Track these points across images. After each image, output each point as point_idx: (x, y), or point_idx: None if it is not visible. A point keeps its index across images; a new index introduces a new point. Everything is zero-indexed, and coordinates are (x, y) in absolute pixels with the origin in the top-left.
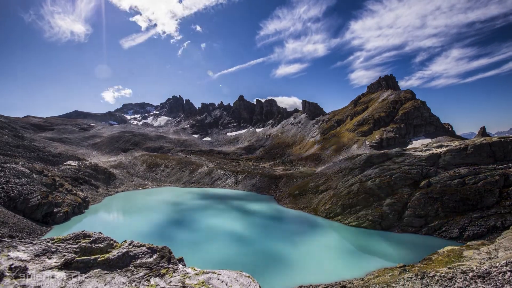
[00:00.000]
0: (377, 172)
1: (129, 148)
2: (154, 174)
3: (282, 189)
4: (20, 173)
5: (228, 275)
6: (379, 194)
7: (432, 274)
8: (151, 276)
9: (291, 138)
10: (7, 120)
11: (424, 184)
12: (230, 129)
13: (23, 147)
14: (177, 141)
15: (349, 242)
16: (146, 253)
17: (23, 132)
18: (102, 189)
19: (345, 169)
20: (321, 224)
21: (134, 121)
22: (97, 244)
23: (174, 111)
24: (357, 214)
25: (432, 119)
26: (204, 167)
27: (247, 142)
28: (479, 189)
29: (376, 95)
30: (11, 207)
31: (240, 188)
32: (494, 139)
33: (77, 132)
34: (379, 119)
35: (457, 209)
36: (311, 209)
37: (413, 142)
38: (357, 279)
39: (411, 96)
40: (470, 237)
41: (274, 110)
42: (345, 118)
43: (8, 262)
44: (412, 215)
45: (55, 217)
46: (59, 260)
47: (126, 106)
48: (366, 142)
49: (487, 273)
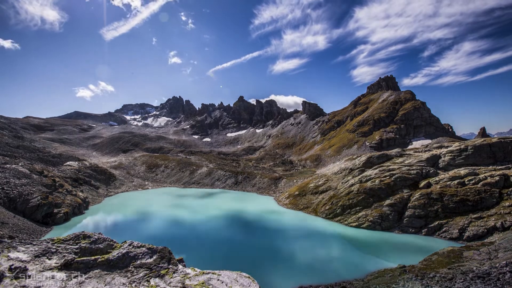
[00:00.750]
0: (377, 172)
1: (129, 148)
2: (154, 175)
3: (282, 190)
4: (20, 174)
5: (228, 275)
6: (379, 194)
7: (432, 274)
8: (151, 277)
9: (291, 139)
10: (7, 120)
11: (424, 184)
12: (230, 129)
13: (23, 147)
14: (177, 141)
15: (349, 243)
16: (146, 253)
17: (23, 133)
18: (102, 189)
19: (345, 170)
20: (321, 224)
21: (134, 121)
22: (97, 245)
23: (174, 112)
24: (357, 215)
25: (432, 119)
26: (204, 167)
27: (247, 143)
28: (479, 190)
29: (376, 96)
30: (11, 207)
31: (240, 188)
32: (494, 140)
33: (77, 132)
34: (379, 119)
35: (457, 209)
36: (311, 209)
37: (413, 143)
38: (357, 279)
39: (411, 97)
40: (470, 238)
41: (274, 111)
42: (345, 119)
43: (8, 263)
44: (412, 215)
45: (55, 218)
46: (59, 260)
47: (126, 106)
48: (366, 142)
49: (487, 273)
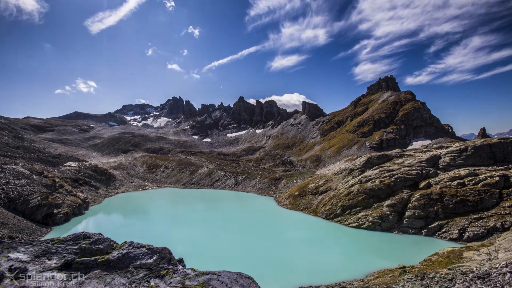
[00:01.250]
0: (377, 173)
1: (129, 149)
2: (154, 175)
3: (282, 190)
4: (20, 174)
5: (228, 276)
6: (379, 195)
7: (432, 275)
8: (151, 277)
9: (291, 139)
10: (7, 121)
11: (424, 185)
12: (230, 130)
13: (23, 148)
14: (177, 142)
15: (349, 243)
16: (146, 254)
17: (23, 133)
18: (102, 190)
19: (345, 170)
20: (321, 225)
21: (134, 122)
22: (97, 245)
23: (174, 112)
24: (357, 215)
25: (432, 120)
26: (204, 168)
27: (247, 143)
28: (479, 191)
29: (376, 96)
30: (11, 208)
31: (240, 189)
32: (494, 140)
33: (77, 133)
34: (379, 120)
35: (457, 210)
36: (311, 210)
37: (413, 143)
38: (357, 280)
39: (411, 97)
40: (470, 238)
41: (274, 111)
42: (345, 119)
43: (8, 263)
44: (412, 216)
45: (55, 218)
46: (59, 261)
47: (126, 107)
48: (366, 143)
49: (487, 274)
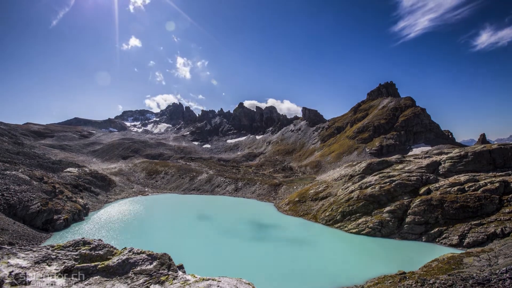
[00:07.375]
0: (377, 179)
1: (129, 155)
2: (154, 181)
3: (282, 196)
4: (20, 180)
5: (228, 282)
6: (379, 201)
7: (432, 281)
8: (151, 283)
9: (291, 145)
10: (7, 127)
11: (424, 191)
12: (230, 136)
13: (23, 154)
14: (177, 148)
15: (349, 249)
16: (146, 260)
17: (23, 139)
18: (102, 196)
19: (345, 176)
20: (321, 231)
21: (134, 128)
22: (97, 251)
23: (174, 118)
24: (357, 221)
25: (432, 126)
26: (204, 174)
27: (247, 149)
28: (479, 196)
29: (376, 102)
30: (11, 214)
31: (240, 195)
32: (494, 146)
33: (77, 139)
34: (379, 126)
35: (457, 216)
36: (311, 216)
37: (413, 149)
38: (357, 286)
39: (411, 103)
40: (470, 244)
41: (274, 117)
42: (345, 125)
43: (8, 269)
44: (412, 222)
45: (55, 224)
46: (59, 267)
47: (126, 113)
48: (366, 149)
49: (487, 280)
